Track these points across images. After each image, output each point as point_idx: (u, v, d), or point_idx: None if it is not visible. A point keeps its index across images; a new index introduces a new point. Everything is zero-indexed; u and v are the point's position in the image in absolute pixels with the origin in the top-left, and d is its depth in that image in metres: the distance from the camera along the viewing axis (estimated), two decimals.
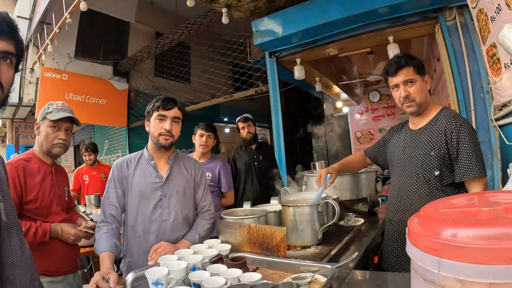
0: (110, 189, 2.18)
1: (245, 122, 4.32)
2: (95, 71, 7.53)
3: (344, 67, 7.42)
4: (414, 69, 2.00)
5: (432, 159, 1.93)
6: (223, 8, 4.18)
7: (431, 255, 0.52)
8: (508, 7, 1.69)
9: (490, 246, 0.46)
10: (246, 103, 10.50)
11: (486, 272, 0.45)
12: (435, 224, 0.56)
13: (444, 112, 2.01)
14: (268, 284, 1.31)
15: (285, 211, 2.09)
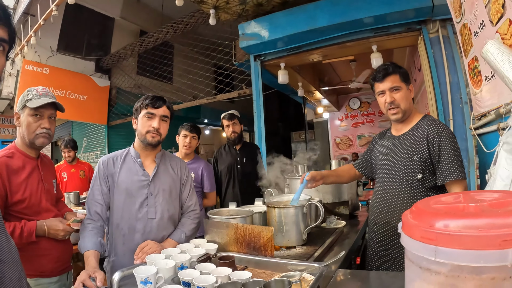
0: (96, 186, 2.13)
1: (231, 120, 4.02)
2: (77, 67, 7.42)
3: (327, 74, 7.56)
4: (400, 77, 2.07)
5: (414, 163, 2.00)
6: (211, 9, 4.22)
7: (428, 244, 0.57)
8: (491, 24, 1.80)
9: (480, 234, 0.52)
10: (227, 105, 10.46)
11: (478, 257, 0.51)
12: (429, 217, 0.62)
13: (426, 119, 2.08)
14: (259, 282, 1.30)
15: (271, 212, 2.13)
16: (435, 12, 3.65)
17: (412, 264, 0.64)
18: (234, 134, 4.02)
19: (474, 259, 0.51)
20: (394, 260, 2.01)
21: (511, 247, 0.50)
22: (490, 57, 1.49)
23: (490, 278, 0.53)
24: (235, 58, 5.51)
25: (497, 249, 0.50)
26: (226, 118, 4.06)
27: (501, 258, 0.50)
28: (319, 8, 4.06)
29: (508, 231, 0.51)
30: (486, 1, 1.83)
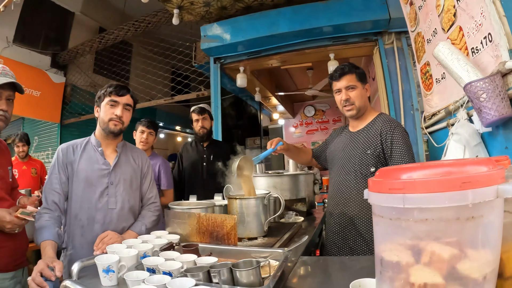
0: (54, 174, 2.06)
1: (201, 114, 3.73)
2: (32, 60, 7.06)
3: (284, 80, 7.72)
4: (356, 76, 2.21)
5: (368, 157, 2.13)
6: (175, 9, 4.23)
7: (396, 194, 0.64)
8: (443, 31, 1.98)
9: (442, 178, 0.59)
10: (183, 109, 10.44)
11: (442, 198, 0.58)
12: (395, 173, 0.69)
13: (381, 117, 2.23)
14: (227, 263, 1.30)
15: (232, 203, 2.15)
16: (391, 24, 3.89)
17: (382, 219, 0.70)
18: (203, 130, 3.74)
19: (439, 201, 0.58)
20: (351, 249, 2.11)
21: (470, 188, 0.57)
22: (441, 56, 1.65)
23: (455, 219, 0.60)
24: (195, 60, 5.51)
25: (458, 190, 0.57)
26: (196, 112, 3.76)
27: (462, 198, 0.57)
28: (281, 14, 4.18)
29: (466, 175, 0.59)
30: (440, 11, 2.00)
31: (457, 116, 1.79)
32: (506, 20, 1.41)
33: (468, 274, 0.62)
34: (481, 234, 0.63)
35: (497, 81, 1.36)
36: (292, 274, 1.52)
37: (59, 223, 1.99)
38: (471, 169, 0.62)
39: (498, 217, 0.65)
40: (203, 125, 3.73)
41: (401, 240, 0.68)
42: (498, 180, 0.61)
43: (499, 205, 0.64)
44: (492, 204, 0.61)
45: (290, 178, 2.96)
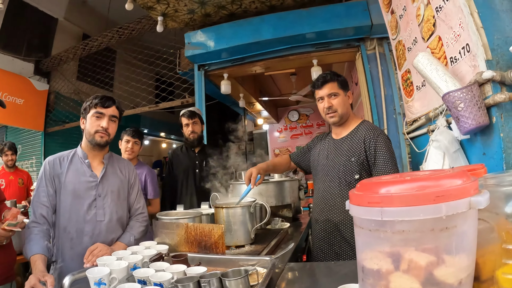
0: (41, 187, 2.05)
1: (191, 118, 3.58)
2: (15, 67, 6.92)
3: (268, 86, 7.77)
4: (338, 84, 2.24)
5: (352, 164, 2.14)
6: (159, 16, 4.24)
7: (375, 207, 0.68)
8: (423, 40, 2.05)
9: (417, 192, 0.63)
10: (167, 116, 10.42)
11: (417, 211, 0.62)
12: (374, 187, 0.73)
13: (364, 124, 2.26)
14: (216, 273, 1.33)
15: (219, 212, 2.18)
16: (373, 30, 3.97)
17: (362, 230, 0.74)
18: (193, 135, 3.58)
19: (415, 214, 0.62)
20: (337, 254, 2.14)
21: (443, 202, 0.61)
22: (420, 66, 1.70)
23: (430, 230, 0.64)
24: (179, 67, 5.51)
25: (432, 203, 0.61)
26: (185, 116, 3.59)
27: (436, 211, 0.61)
28: (264, 21, 4.23)
29: (440, 189, 0.63)
30: (420, 21, 2.06)
31: (436, 123, 1.84)
32: (483, 31, 1.47)
33: (444, 279, 0.66)
34: (455, 243, 0.67)
35: (474, 91, 1.41)
36: (280, 281, 1.54)
37: (48, 236, 1.99)
38: (445, 182, 0.66)
39: (472, 226, 0.69)
40: (193, 130, 3.58)
41: (381, 249, 0.71)
42: (471, 192, 0.65)
43: (472, 215, 0.68)
44: (465, 215, 0.65)
45: (275, 185, 2.98)
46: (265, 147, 10.25)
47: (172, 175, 3.70)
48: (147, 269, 1.49)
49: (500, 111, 1.40)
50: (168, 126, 11.20)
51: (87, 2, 7.75)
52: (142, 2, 3.97)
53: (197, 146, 3.69)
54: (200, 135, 3.65)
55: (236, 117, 9.94)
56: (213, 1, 4.09)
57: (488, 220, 0.79)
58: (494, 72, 1.37)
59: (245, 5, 4.25)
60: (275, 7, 4.32)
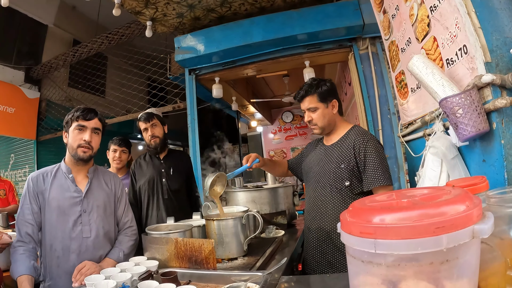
0: (25, 205, 1.99)
1: (148, 121, 3.09)
2: (5, 76, 6.80)
3: (261, 88, 7.72)
4: (317, 97, 2.21)
5: (342, 171, 2.10)
6: (148, 21, 4.18)
7: (367, 238, 0.61)
8: (417, 41, 1.97)
9: (415, 223, 0.56)
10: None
11: (415, 245, 0.55)
12: (366, 213, 0.66)
13: (354, 130, 2.21)
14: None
15: (210, 225, 2.11)
16: (365, 30, 3.91)
17: (354, 259, 0.67)
18: (154, 140, 3.10)
19: (412, 247, 0.55)
20: (330, 263, 2.09)
21: (444, 233, 0.54)
22: (415, 70, 1.63)
23: (429, 263, 0.57)
24: (170, 72, 5.44)
25: (432, 235, 0.54)
26: (142, 120, 3.12)
27: (436, 244, 0.54)
28: (254, 23, 4.16)
29: (440, 219, 0.55)
30: (413, 21, 1.99)
31: (433, 127, 1.78)
32: (481, 32, 1.39)
33: None
34: (456, 274, 0.60)
35: (473, 96, 1.34)
36: None
37: (34, 255, 1.94)
38: (446, 210, 0.59)
39: (474, 254, 0.62)
40: (153, 133, 3.09)
41: (374, 280, 0.65)
42: (474, 219, 0.59)
43: (475, 244, 0.61)
44: (468, 245, 0.58)
45: (269, 191, 2.92)
46: (260, 149, 10.20)
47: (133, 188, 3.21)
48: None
49: (500, 117, 1.33)
50: None
51: (77, 8, 7.63)
52: (130, 7, 3.90)
53: (161, 151, 3.19)
54: (163, 138, 3.16)
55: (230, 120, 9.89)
56: (202, 4, 4.02)
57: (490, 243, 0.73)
58: (494, 76, 1.30)
59: (234, 7, 4.18)
60: (265, 9, 4.26)
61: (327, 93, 2.23)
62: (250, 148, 10.56)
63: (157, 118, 3.14)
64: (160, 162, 3.19)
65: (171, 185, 3.11)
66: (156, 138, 3.09)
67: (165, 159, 3.20)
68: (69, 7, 7.58)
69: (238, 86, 6.34)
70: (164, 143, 3.19)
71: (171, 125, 3.86)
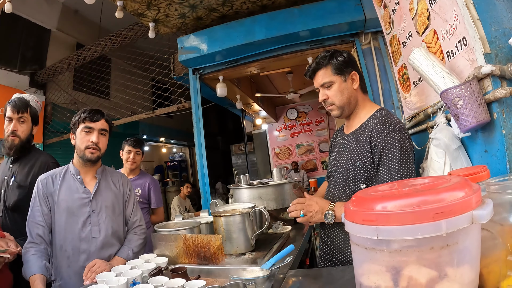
0: (35, 207, 2.04)
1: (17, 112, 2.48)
2: (11, 81, 6.85)
3: (265, 86, 7.74)
4: (332, 69, 1.82)
5: (357, 171, 1.74)
6: (150, 22, 4.20)
7: (369, 225, 0.63)
8: (418, 34, 1.98)
9: (414, 210, 0.59)
10: (165, 120, 10.42)
11: (415, 230, 0.57)
12: (368, 202, 0.68)
13: (376, 116, 1.79)
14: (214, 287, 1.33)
15: (217, 221, 2.13)
16: (367, 25, 3.91)
17: (358, 247, 0.70)
18: (13, 137, 2.44)
19: (412, 233, 0.58)
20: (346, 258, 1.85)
21: (443, 219, 0.56)
22: (416, 63, 1.65)
23: (429, 248, 0.60)
24: (174, 72, 5.47)
25: (431, 221, 0.57)
26: (9, 107, 2.50)
27: (436, 229, 0.57)
28: (256, 22, 4.17)
29: (439, 205, 0.58)
30: (413, 14, 2.01)
31: (435, 119, 1.79)
32: (480, 23, 1.40)
33: None
34: (457, 259, 0.62)
35: (474, 87, 1.36)
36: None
37: (46, 255, 1.98)
38: (446, 196, 0.61)
39: (475, 240, 0.64)
40: (14, 130, 2.44)
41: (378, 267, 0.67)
42: (473, 205, 0.61)
43: (475, 229, 0.63)
44: (467, 230, 0.60)
45: (275, 188, 2.94)
46: (265, 147, 10.24)
47: None
48: (146, 284, 1.48)
49: (501, 107, 1.34)
50: (167, 130, 11.18)
51: (79, 12, 7.68)
52: (132, 9, 3.93)
53: (15, 152, 2.49)
54: (25, 140, 2.49)
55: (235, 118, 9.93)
56: (203, 4, 4.03)
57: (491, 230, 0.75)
58: (493, 66, 1.31)
59: (236, 6, 4.20)
60: (267, 7, 4.27)
61: (344, 64, 1.83)
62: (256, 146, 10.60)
63: (30, 112, 2.52)
64: (9, 166, 2.53)
65: (11, 196, 2.42)
66: (15, 137, 2.44)
67: (16, 161, 2.53)
68: (71, 11, 7.63)
69: (242, 84, 6.36)
70: (24, 144, 2.50)
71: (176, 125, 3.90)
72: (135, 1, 3.76)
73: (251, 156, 10.59)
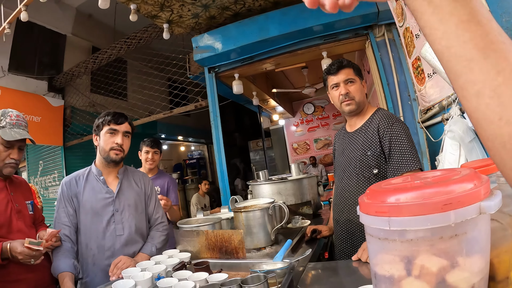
0: (61, 208, 2.13)
1: None
2: (29, 87, 7.06)
3: (280, 81, 7.75)
4: (354, 71, 2.09)
5: (369, 159, 1.98)
6: (164, 23, 4.26)
7: (382, 216, 0.67)
8: None
9: (424, 201, 0.62)
10: (183, 119, 10.52)
11: (425, 220, 0.61)
12: (381, 195, 0.72)
13: (379, 113, 2.08)
14: (236, 280, 1.37)
15: (238, 216, 2.20)
16: (380, 17, 3.88)
17: (372, 237, 0.74)
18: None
19: (422, 223, 0.61)
20: None
21: (452, 209, 0.60)
22: (428, 56, 1.66)
23: (439, 238, 0.63)
24: (190, 71, 5.53)
25: (440, 212, 0.60)
26: None
27: (445, 219, 0.60)
28: (269, 18, 4.19)
29: (447, 197, 0.61)
30: None
31: (450, 112, 1.80)
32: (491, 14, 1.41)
33: (457, 285, 0.65)
34: (466, 249, 0.65)
35: None
36: (301, 282, 1.56)
37: (73, 254, 2.06)
38: (455, 188, 0.64)
39: (484, 230, 0.67)
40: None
41: (391, 257, 0.71)
42: (481, 196, 0.64)
43: (483, 219, 0.66)
44: (476, 220, 0.63)
45: (293, 183, 2.98)
46: (283, 142, 10.27)
47: None
48: (171, 278, 1.54)
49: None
50: (185, 129, 11.31)
51: (93, 16, 7.81)
52: (146, 12, 3.99)
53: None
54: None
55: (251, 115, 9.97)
56: (216, 3, 4.07)
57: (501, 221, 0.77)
58: None
59: (248, 3, 4.22)
60: (279, 3, 4.28)
61: (360, 71, 2.14)
62: (274, 142, 10.63)
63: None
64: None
65: None
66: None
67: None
68: (85, 16, 7.77)
69: (258, 81, 6.40)
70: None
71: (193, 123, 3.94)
72: (148, 3, 3.82)
73: (269, 152, 10.63)
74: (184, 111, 5.69)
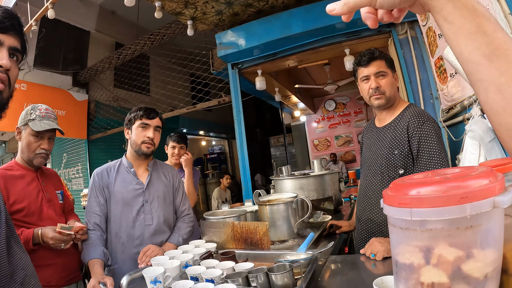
0: (92, 197, 2.23)
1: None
2: (54, 81, 7.28)
3: (302, 78, 7.77)
4: (386, 63, 1.99)
5: (396, 158, 1.90)
6: (188, 20, 4.34)
7: (404, 208, 0.74)
8: None
9: (443, 195, 0.69)
10: (205, 114, 10.64)
11: (443, 212, 0.67)
12: (404, 188, 0.78)
13: (410, 109, 1.97)
14: (263, 268, 1.43)
15: (262, 210, 2.27)
16: None
17: (394, 228, 0.80)
18: None
19: (440, 214, 0.68)
20: None
21: (467, 203, 0.67)
22: (450, 57, 1.70)
23: (455, 228, 0.70)
24: (213, 67, 5.61)
25: (457, 204, 0.67)
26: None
27: (461, 211, 0.67)
28: (292, 15, 4.23)
29: (464, 191, 0.68)
30: None
31: (471, 111, 1.82)
32: (511, 18, 1.44)
33: (471, 274, 0.71)
34: (480, 240, 0.71)
35: None
36: (323, 273, 1.62)
37: (103, 242, 2.16)
38: (471, 183, 0.70)
39: (497, 223, 0.73)
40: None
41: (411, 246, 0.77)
42: (496, 191, 0.70)
43: (497, 213, 0.72)
44: (490, 214, 0.70)
45: (315, 178, 3.04)
46: (304, 139, 10.28)
47: None
48: (199, 266, 1.61)
49: None
50: (206, 124, 11.43)
51: (116, 12, 7.95)
52: (170, 9, 4.08)
53: None
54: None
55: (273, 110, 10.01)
56: (239, 0, 4.13)
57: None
58: None
59: (271, 1, 4.27)
60: (302, 0, 4.32)
61: (392, 62, 2.04)
62: (295, 138, 10.66)
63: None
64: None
65: None
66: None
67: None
68: (108, 12, 7.90)
69: (280, 77, 6.44)
70: None
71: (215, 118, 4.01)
72: (172, 1, 3.91)
73: (290, 148, 10.66)
74: (207, 106, 5.78)
